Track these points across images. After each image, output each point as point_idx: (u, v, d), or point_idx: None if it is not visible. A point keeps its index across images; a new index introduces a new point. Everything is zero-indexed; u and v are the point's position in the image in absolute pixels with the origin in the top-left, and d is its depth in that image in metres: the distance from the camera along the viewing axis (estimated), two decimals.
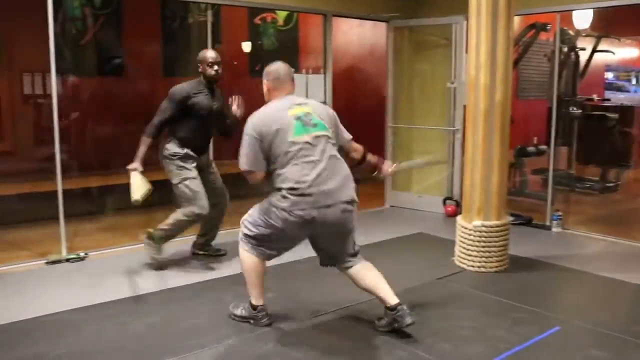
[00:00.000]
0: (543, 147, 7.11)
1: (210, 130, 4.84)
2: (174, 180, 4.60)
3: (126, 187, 4.36)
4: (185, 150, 4.61)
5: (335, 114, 3.69)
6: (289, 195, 3.27)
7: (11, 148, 6.33)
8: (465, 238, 4.76)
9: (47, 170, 5.25)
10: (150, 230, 4.63)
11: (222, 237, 5.18)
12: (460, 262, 4.82)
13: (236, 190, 4.01)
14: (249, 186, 3.59)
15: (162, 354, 3.27)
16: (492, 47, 4.59)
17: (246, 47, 7.80)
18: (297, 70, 6.79)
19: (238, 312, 3.74)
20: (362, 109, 9.00)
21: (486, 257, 4.70)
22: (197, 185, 4.59)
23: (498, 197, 4.74)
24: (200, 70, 4.68)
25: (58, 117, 4.90)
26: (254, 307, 3.65)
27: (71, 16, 6.19)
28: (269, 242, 3.50)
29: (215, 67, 4.64)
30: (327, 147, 3.40)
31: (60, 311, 3.86)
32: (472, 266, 4.73)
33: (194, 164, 4.65)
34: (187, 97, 4.59)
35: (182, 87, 4.64)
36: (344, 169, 3.49)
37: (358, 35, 9.00)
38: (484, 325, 3.68)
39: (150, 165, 4.87)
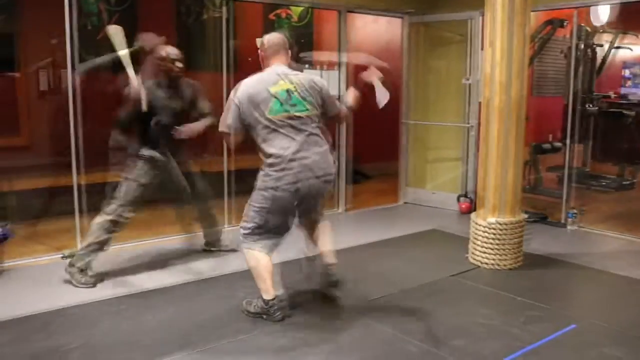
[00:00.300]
0: (559, 144, 7.06)
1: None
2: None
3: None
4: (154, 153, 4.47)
5: (325, 85, 3.79)
6: (272, 173, 3.49)
7: (27, 143, 6.38)
8: (480, 235, 4.74)
9: (63, 165, 5.30)
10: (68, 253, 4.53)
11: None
12: (475, 259, 4.80)
13: (251, 186, 4.02)
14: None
15: (175, 348, 3.29)
16: (508, 43, 4.56)
17: (260, 43, 7.80)
18: (312, 66, 6.78)
19: (251, 308, 3.76)
20: (376, 105, 8.98)
21: (500, 255, 4.68)
22: (140, 191, 4.42)
23: (513, 194, 4.71)
24: (161, 68, 4.47)
25: (74, 113, 4.93)
26: (266, 302, 3.67)
27: (87, 12, 6.22)
28: (267, 230, 3.64)
29: (178, 64, 4.52)
30: (305, 125, 3.56)
31: (74, 305, 3.90)
32: (487, 263, 4.71)
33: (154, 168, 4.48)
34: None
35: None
36: (323, 144, 3.65)
37: (373, 31, 8.96)
38: (498, 323, 3.66)
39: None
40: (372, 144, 8.70)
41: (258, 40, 6.47)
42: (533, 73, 8.60)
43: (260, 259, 3.65)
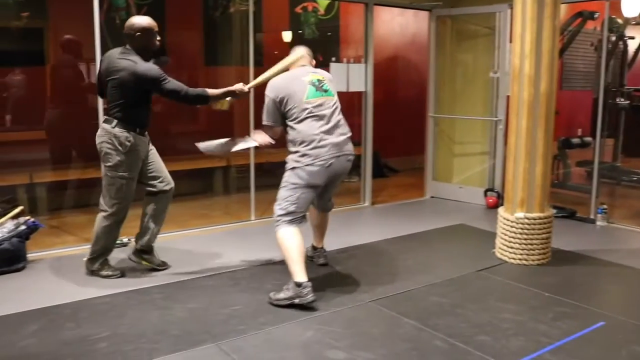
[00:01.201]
0: (588, 138, 6.97)
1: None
2: (108, 171, 4.17)
3: (172, 175, 4.44)
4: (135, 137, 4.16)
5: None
6: (308, 152, 3.86)
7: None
8: (507, 230, 4.70)
9: (92, 157, 5.37)
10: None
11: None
12: (502, 254, 4.77)
13: (279, 179, 4.03)
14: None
15: (202, 339, 3.32)
16: (537, 36, 4.50)
17: (287, 36, 7.81)
18: (338, 59, 6.77)
19: (281, 295, 3.78)
20: (403, 99, 8.97)
21: (528, 250, 4.64)
22: (129, 187, 4.20)
23: (541, 189, 4.66)
24: (140, 43, 4.07)
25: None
26: (298, 284, 3.71)
27: (116, 6, 6.28)
28: (299, 208, 3.90)
29: (158, 37, 4.19)
30: (334, 109, 4.04)
31: (104, 295, 3.95)
32: (514, 259, 4.67)
33: (138, 158, 4.21)
34: None
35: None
36: (347, 130, 4.09)
37: (399, 25, 8.93)
38: (526, 319, 3.63)
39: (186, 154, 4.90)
40: (399, 138, 8.70)
41: (285, 34, 6.53)
42: (562, 66, 8.49)
43: (294, 240, 3.82)
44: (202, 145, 4.25)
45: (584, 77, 9.08)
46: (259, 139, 4.17)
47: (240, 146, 4.28)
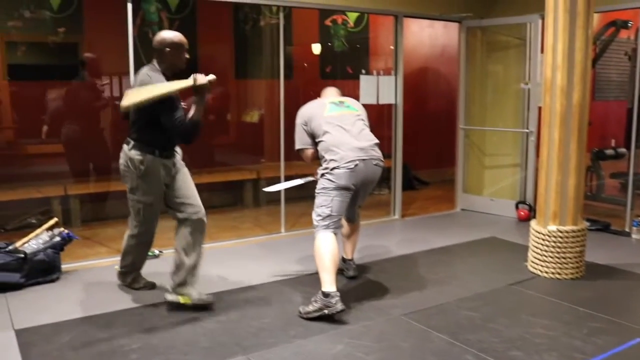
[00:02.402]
0: (622, 149, 6.86)
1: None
2: (129, 192, 4.00)
3: (202, 188, 4.47)
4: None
5: (365, 112, 4.42)
6: (333, 157, 3.99)
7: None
8: (540, 243, 4.64)
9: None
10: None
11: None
12: (534, 267, 4.70)
13: (309, 192, 4.08)
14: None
15: (232, 351, 3.33)
16: (570, 46, 4.45)
17: (316, 49, 7.85)
18: (368, 71, 6.78)
19: (310, 307, 3.78)
20: (433, 111, 8.93)
21: (561, 264, 4.56)
22: (153, 209, 3.99)
23: (574, 201, 4.59)
24: (169, 59, 3.82)
25: None
26: (326, 294, 3.71)
27: (148, 20, 6.39)
28: (335, 210, 3.97)
29: (187, 55, 3.91)
30: (357, 120, 4.20)
31: (136, 306, 3.99)
32: (547, 272, 4.60)
33: (160, 180, 3.91)
34: None
35: None
36: (373, 137, 4.20)
37: (429, 36, 8.91)
38: (559, 334, 3.57)
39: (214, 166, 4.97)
40: (429, 150, 8.66)
41: (314, 46, 6.57)
42: (595, 76, 8.38)
43: (328, 247, 3.86)
44: (271, 189, 4.75)
45: (617, 86, 8.95)
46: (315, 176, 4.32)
47: (298, 182, 4.74)
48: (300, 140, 4.25)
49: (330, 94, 4.50)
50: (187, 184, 4.02)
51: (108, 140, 6.54)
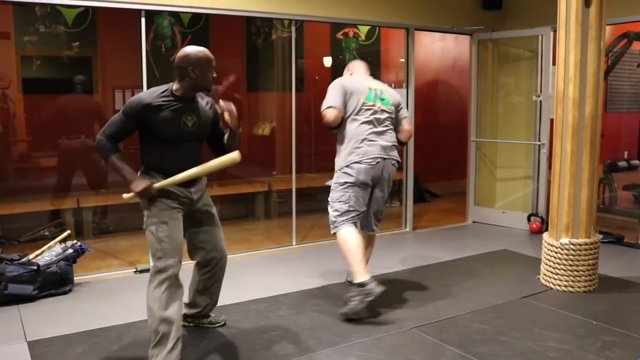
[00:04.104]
0: (635, 161, 6.82)
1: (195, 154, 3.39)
2: (144, 223, 3.32)
3: (214, 200, 4.48)
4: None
5: (401, 100, 4.46)
6: (355, 150, 4.03)
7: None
8: (552, 256, 4.61)
9: None
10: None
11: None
12: (547, 280, 4.67)
13: (320, 204, 4.08)
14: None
15: None
16: (582, 58, 4.44)
17: (327, 62, 7.88)
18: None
19: (352, 304, 3.83)
20: (444, 123, 8.93)
21: (574, 277, 4.53)
22: (170, 232, 3.24)
23: (587, 214, 4.57)
24: (193, 79, 3.24)
25: None
26: (362, 285, 3.78)
27: (161, 35, 6.45)
28: (353, 207, 4.03)
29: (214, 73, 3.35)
30: (386, 118, 4.20)
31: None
32: (559, 285, 4.57)
33: (175, 202, 3.30)
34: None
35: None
36: (394, 139, 4.26)
37: (440, 49, 8.92)
38: (572, 347, 3.53)
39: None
40: (440, 162, 8.64)
41: (326, 59, 6.59)
42: (607, 88, 8.35)
43: (353, 240, 3.93)
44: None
45: (630, 98, 8.91)
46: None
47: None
48: (335, 100, 4.12)
49: (360, 69, 4.44)
50: (211, 229, 3.56)
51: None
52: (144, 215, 3.30)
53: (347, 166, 4.05)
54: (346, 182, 4.04)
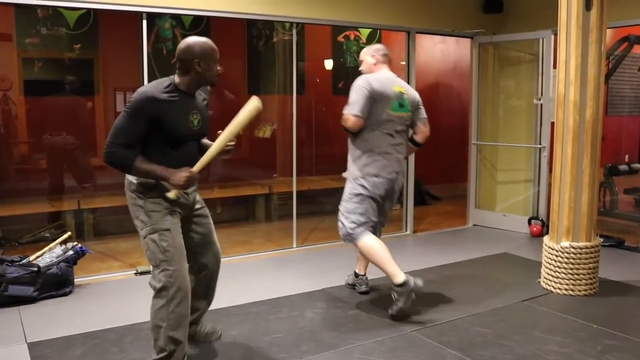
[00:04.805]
0: (636, 165, 6.81)
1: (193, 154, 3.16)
2: (140, 231, 3.08)
3: (215, 202, 4.48)
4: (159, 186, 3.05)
5: (419, 99, 4.32)
6: (373, 162, 4.00)
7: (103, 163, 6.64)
8: (553, 259, 4.60)
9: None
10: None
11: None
12: (547, 284, 4.66)
13: (321, 207, 4.06)
14: (335, 202, 3.73)
15: None
16: (583, 62, 4.44)
17: (329, 64, 7.89)
18: None
19: (399, 304, 3.87)
20: (445, 126, 8.92)
21: (574, 280, 4.52)
22: (174, 239, 3.03)
23: (588, 217, 4.56)
24: (197, 72, 3.05)
25: None
26: (402, 284, 3.82)
27: (162, 37, 6.46)
28: (369, 216, 4.04)
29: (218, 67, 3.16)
30: (403, 130, 4.17)
31: (148, 320, 3.98)
32: (560, 289, 4.56)
33: (173, 208, 3.09)
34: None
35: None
36: (404, 151, 4.24)
37: (441, 52, 8.93)
38: (572, 351, 3.53)
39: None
40: (440, 165, 8.64)
41: (327, 62, 6.54)
42: (608, 91, 8.35)
43: (378, 244, 3.96)
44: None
45: (631, 102, 8.91)
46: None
47: None
48: (361, 108, 3.95)
49: (385, 60, 4.24)
50: (207, 231, 3.36)
51: None
52: (139, 222, 3.04)
53: (363, 178, 4.03)
54: (362, 195, 4.03)
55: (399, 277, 3.85)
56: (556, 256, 4.57)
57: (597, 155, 4.57)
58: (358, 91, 4.00)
